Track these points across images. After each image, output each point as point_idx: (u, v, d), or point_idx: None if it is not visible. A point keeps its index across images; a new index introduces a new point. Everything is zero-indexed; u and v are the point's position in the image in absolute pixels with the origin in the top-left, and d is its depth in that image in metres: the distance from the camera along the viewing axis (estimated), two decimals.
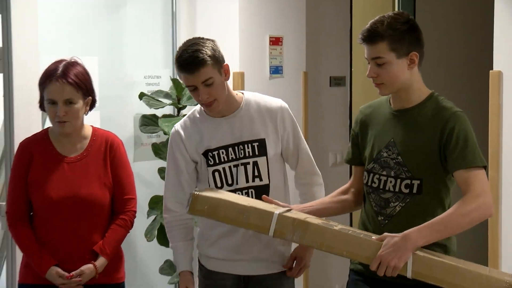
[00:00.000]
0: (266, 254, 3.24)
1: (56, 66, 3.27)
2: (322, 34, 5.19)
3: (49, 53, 3.76)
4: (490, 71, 3.83)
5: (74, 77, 3.25)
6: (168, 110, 4.44)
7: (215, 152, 3.24)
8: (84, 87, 3.28)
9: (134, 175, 3.45)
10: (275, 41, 4.70)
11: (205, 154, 3.25)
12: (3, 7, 3.69)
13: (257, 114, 3.25)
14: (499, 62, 3.81)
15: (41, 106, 3.35)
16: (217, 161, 3.24)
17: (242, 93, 3.32)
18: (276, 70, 4.73)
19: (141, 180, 4.20)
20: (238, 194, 3.19)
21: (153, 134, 4.41)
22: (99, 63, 4.16)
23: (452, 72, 6.34)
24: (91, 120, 3.43)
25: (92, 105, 3.37)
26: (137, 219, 3.45)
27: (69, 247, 3.25)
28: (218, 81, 3.14)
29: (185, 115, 3.43)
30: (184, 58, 3.12)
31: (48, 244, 3.25)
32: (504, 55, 3.80)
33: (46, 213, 3.26)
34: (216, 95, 3.15)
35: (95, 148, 3.35)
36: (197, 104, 3.31)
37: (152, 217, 4.28)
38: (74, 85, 3.24)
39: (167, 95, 4.39)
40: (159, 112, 4.34)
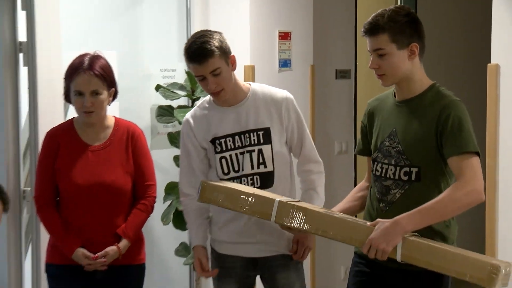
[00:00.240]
0: (271, 238, 3.23)
1: (82, 60, 3.28)
2: (328, 29, 5.18)
3: (71, 48, 3.77)
4: (488, 64, 3.82)
5: (100, 69, 3.26)
6: (183, 101, 4.45)
7: (222, 140, 3.24)
8: (109, 79, 3.30)
9: None
10: (284, 36, 4.70)
11: (213, 142, 3.26)
12: (27, 4, 3.69)
13: (263, 104, 3.25)
14: (497, 56, 3.80)
15: (67, 98, 3.36)
16: (224, 149, 3.24)
17: (249, 84, 3.32)
18: (285, 64, 4.72)
19: (157, 167, 4.18)
20: (245, 183, 3.21)
21: (169, 124, 4.41)
22: (118, 57, 4.15)
23: (452, 66, 6.33)
24: (111, 110, 3.44)
25: (115, 96, 3.39)
26: (154, 204, 3.47)
27: (94, 230, 3.27)
28: (225, 71, 3.14)
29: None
30: (193, 50, 3.13)
31: (74, 227, 3.27)
32: (502, 49, 3.78)
33: (72, 198, 3.28)
34: (224, 85, 3.15)
35: (118, 137, 3.37)
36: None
37: (168, 202, 4.29)
38: (100, 77, 3.25)
39: (182, 87, 4.39)
40: (175, 103, 4.35)
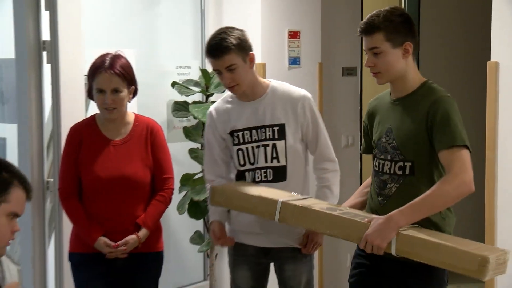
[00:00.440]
0: (283, 230, 3.20)
1: (104, 59, 3.29)
2: (335, 29, 5.17)
3: (92, 46, 3.79)
4: (488, 62, 3.82)
5: (120, 68, 3.27)
6: (198, 97, 4.45)
7: (240, 133, 3.25)
8: (129, 77, 3.31)
9: None
10: (294, 35, 4.70)
11: (231, 134, 3.27)
12: (50, 5, 3.70)
13: (280, 101, 3.24)
14: (496, 54, 3.80)
15: (89, 95, 3.37)
16: (241, 141, 3.25)
17: (270, 81, 3.32)
18: (294, 61, 4.72)
19: (173, 160, 4.19)
20: (258, 175, 3.22)
21: (184, 119, 4.42)
22: (136, 55, 4.16)
23: (454, 64, 6.31)
24: (130, 106, 3.45)
25: (135, 94, 3.40)
26: None
27: (115, 220, 3.28)
28: (241, 68, 3.14)
29: (214, 101, 3.46)
30: (211, 45, 3.15)
31: (96, 217, 3.29)
32: (501, 48, 3.79)
33: (95, 190, 3.30)
34: (238, 80, 3.15)
35: (138, 133, 3.38)
36: (224, 91, 3.31)
37: (183, 193, 4.30)
38: (120, 76, 3.26)
39: (197, 84, 4.40)
40: (190, 99, 4.35)
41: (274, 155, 3.23)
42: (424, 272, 2.75)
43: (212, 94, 4.36)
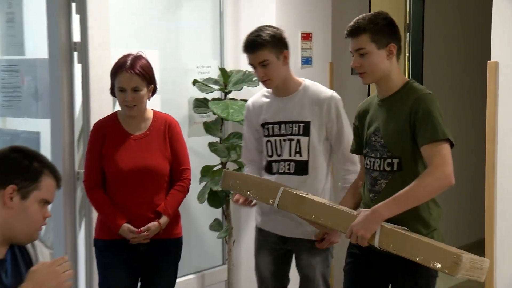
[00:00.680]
0: (299, 220, 3.17)
1: (125, 59, 3.30)
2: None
3: (119, 47, 3.81)
4: (488, 62, 3.77)
5: (140, 69, 3.28)
6: (217, 94, 4.47)
7: (270, 126, 3.28)
8: (148, 77, 3.31)
9: (188, 149, 3.50)
10: (306, 37, 4.70)
11: (263, 126, 3.30)
12: (81, 9, 3.72)
13: (309, 100, 3.24)
14: (496, 54, 3.76)
15: (112, 93, 3.39)
16: (271, 133, 3.28)
17: (303, 80, 3.32)
18: (307, 61, 4.73)
19: (194, 153, 4.22)
20: (282, 167, 3.23)
21: (204, 114, 4.44)
22: (160, 55, 4.19)
23: (455, 63, 6.29)
24: (154, 103, 3.47)
25: (154, 92, 3.40)
26: (191, 185, 3.50)
27: (137, 209, 3.30)
28: (274, 64, 3.15)
29: (232, 98, 3.46)
30: (247, 40, 3.17)
31: (120, 206, 3.30)
32: (501, 47, 3.74)
33: (118, 181, 3.31)
34: (271, 76, 3.16)
35: (156, 127, 3.39)
36: (241, 89, 3.30)
37: (203, 183, 4.33)
38: (140, 75, 3.27)
39: (216, 82, 4.41)
40: (209, 96, 4.37)
41: (297, 150, 3.23)
42: (408, 263, 2.66)
43: (230, 92, 4.38)
